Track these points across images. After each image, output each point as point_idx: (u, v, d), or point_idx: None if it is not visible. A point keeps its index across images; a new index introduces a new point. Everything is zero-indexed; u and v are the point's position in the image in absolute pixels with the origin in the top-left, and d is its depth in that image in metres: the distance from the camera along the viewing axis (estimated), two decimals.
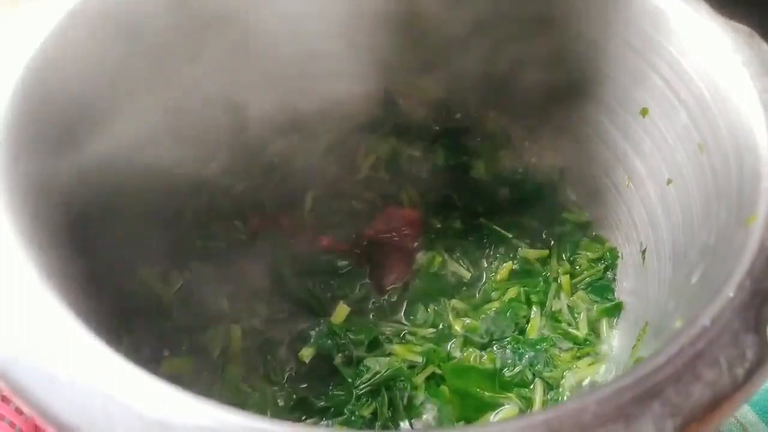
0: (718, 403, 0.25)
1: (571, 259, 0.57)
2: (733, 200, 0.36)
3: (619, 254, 0.55)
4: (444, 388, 0.49)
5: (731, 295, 0.28)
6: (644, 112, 0.47)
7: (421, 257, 0.57)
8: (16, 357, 0.26)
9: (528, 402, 0.48)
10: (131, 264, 0.51)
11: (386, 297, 0.55)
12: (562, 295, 0.55)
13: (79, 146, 0.41)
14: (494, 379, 0.49)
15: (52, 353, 0.27)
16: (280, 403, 0.48)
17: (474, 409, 0.48)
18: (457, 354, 0.52)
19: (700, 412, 0.25)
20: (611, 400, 0.25)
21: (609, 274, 0.55)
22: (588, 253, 0.56)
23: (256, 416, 0.25)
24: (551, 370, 0.50)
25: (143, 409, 0.25)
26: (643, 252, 0.50)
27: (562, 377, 0.49)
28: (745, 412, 0.47)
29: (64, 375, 0.26)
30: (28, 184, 0.36)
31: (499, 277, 0.56)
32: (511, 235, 0.58)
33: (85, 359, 0.27)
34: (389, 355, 0.51)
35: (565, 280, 0.55)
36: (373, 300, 0.55)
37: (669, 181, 0.45)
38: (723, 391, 0.25)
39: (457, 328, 0.53)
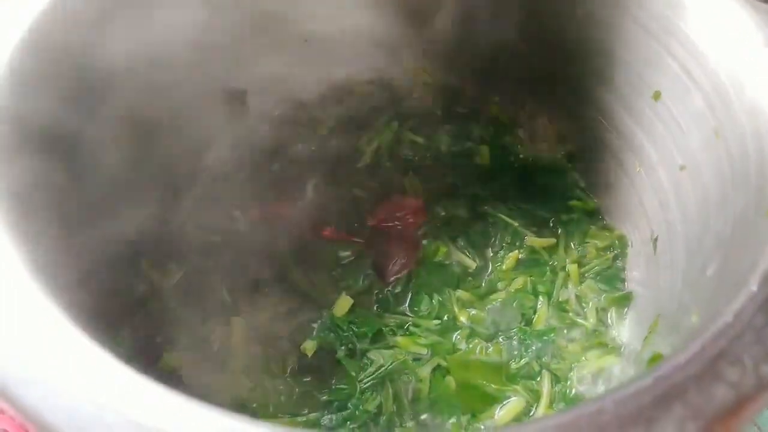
0: (742, 404, 0.24)
1: (579, 247, 0.55)
2: (751, 189, 0.34)
3: (629, 243, 0.54)
4: (449, 380, 0.48)
5: (754, 289, 0.27)
6: (657, 95, 0.46)
7: (425, 247, 0.56)
8: (5, 362, 0.25)
9: (535, 395, 0.47)
10: (129, 257, 0.49)
11: (390, 288, 0.54)
12: (570, 284, 0.53)
13: (71, 136, 0.40)
14: (500, 371, 0.48)
15: (43, 357, 0.25)
16: (283, 397, 0.47)
17: (480, 402, 0.47)
18: (462, 346, 0.50)
19: (723, 414, 0.24)
20: (630, 401, 0.24)
21: (618, 263, 0.54)
22: (596, 242, 0.55)
23: (255, 421, 0.24)
24: (559, 362, 0.49)
25: (139, 416, 0.24)
26: (655, 241, 0.48)
27: (570, 369, 0.48)
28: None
29: (56, 380, 0.25)
30: (21, 179, 0.35)
31: (505, 266, 0.55)
32: (517, 224, 0.56)
33: (79, 363, 0.25)
34: (393, 347, 0.50)
35: (572, 269, 0.54)
36: (377, 291, 0.53)
37: (682, 168, 0.44)
38: (747, 392, 0.24)
39: (463, 319, 0.52)
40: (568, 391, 0.48)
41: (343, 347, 0.49)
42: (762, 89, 0.35)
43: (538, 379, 0.48)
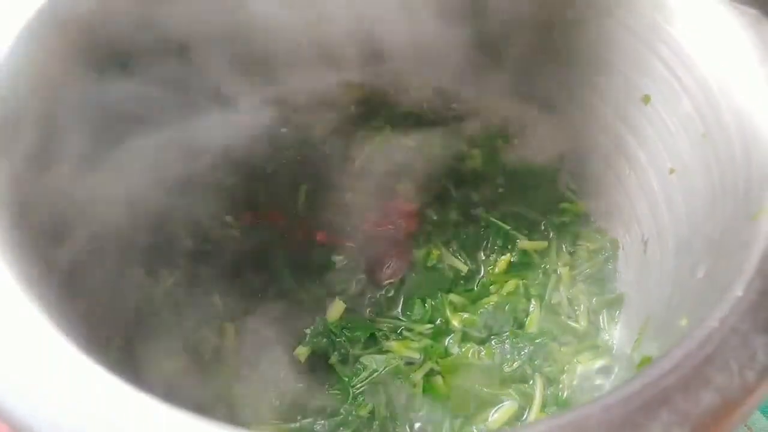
0: (729, 409, 0.24)
1: (571, 250, 0.56)
2: (739, 192, 0.34)
3: (620, 245, 0.54)
4: (442, 384, 0.48)
5: (740, 294, 0.27)
6: (646, 99, 0.46)
7: (418, 251, 0.56)
8: None
9: (528, 398, 0.47)
10: (120, 264, 0.49)
11: (383, 292, 0.54)
12: (562, 287, 0.54)
13: (60, 147, 0.39)
14: (493, 374, 0.48)
15: (31, 367, 0.25)
16: (275, 403, 0.47)
17: (473, 405, 0.47)
18: (455, 350, 0.50)
19: (710, 420, 0.24)
20: (617, 407, 0.24)
21: (609, 266, 0.54)
22: (588, 244, 0.55)
23: (246, 430, 0.24)
24: (551, 365, 0.49)
25: (127, 426, 0.23)
26: (645, 243, 0.49)
27: (563, 372, 0.48)
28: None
29: (43, 390, 0.24)
30: (9, 193, 0.34)
31: (497, 269, 0.55)
32: (509, 227, 0.56)
33: (67, 373, 0.25)
34: (386, 352, 0.50)
35: (564, 271, 0.54)
36: (370, 295, 0.53)
37: (671, 171, 0.44)
38: (734, 397, 0.24)
39: (455, 323, 0.52)
40: (560, 393, 0.48)
41: (335, 352, 0.49)
42: (749, 93, 0.36)
43: (531, 382, 0.48)
